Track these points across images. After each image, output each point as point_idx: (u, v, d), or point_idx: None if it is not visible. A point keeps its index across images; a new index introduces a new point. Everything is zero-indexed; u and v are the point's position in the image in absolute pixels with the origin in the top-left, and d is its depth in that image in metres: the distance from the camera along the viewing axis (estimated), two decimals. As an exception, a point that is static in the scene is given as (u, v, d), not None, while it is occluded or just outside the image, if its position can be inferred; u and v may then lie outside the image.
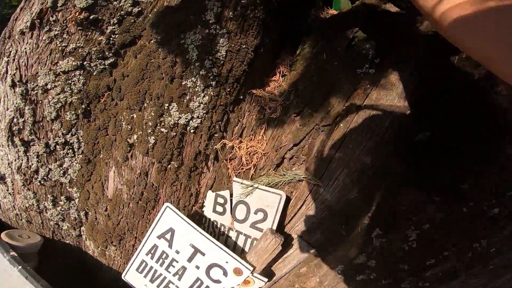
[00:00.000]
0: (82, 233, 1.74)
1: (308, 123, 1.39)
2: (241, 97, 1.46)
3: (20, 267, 1.51)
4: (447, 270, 1.30)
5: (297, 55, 1.65)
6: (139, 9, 1.58)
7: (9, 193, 1.69)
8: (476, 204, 1.15)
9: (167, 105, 1.39)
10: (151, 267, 1.55)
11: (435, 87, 1.21)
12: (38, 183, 1.61)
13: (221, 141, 1.46)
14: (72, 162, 1.58)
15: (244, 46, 1.46)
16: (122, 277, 1.64)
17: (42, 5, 1.55)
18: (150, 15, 1.57)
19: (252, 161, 1.42)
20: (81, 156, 1.57)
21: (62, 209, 1.65)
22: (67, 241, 1.84)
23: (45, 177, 1.59)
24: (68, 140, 1.55)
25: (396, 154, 1.25)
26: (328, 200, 1.36)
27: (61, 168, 1.59)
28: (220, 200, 1.44)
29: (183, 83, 1.39)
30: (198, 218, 1.53)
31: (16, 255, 1.56)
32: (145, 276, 1.58)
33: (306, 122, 1.39)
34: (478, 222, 1.19)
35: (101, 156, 1.56)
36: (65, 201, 1.64)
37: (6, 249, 1.57)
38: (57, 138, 1.55)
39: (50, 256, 1.84)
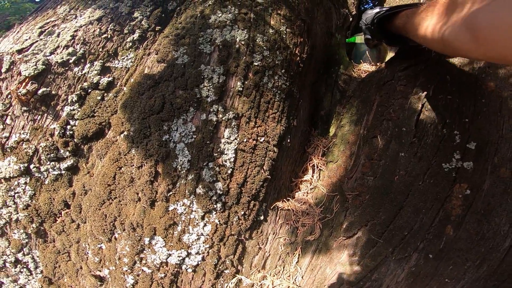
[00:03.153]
0: None
1: (371, 254, 0.66)
2: (262, 217, 0.71)
3: None
4: None
5: (333, 136, 0.89)
6: (110, 78, 0.83)
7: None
8: None
9: (147, 239, 0.65)
10: None
11: None
12: None
13: (235, 277, 0.71)
14: (29, 280, 0.97)
15: (262, 138, 0.73)
16: None
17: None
18: (124, 88, 0.80)
19: None
20: (40, 276, 0.94)
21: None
22: None
23: None
24: (20, 259, 0.93)
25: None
26: None
27: (15, 283, 0.98)
28: None
29: (170, 209, 0.67)
30: None
31: None
32: None
33: (366, 252, 0.66)
34: None
35: (65, 280, 0.85)
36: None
37: None
38: (5, 256, 0.92)
39: None
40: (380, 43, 1.12)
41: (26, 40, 0.96)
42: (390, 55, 1.32)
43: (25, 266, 0.93)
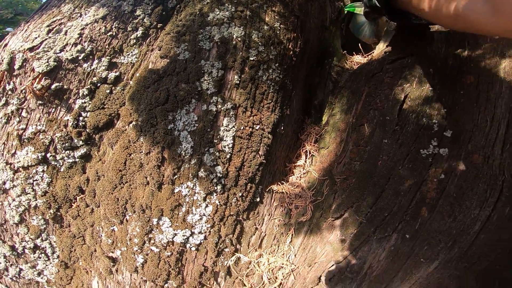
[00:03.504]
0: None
1: (356, 234, 0.76)
2: (258, 199, 0.81)
3: None
4: None
5: (325, 124, 0.99)
6: (117, 73, 0.92)
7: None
8: None
9: (155, 219, 0.76)
10: None
11: None
12: (10, 280, 1.12)
13: (234, 255, 0.82)
14: (47, 265, 1.07)
15: (258, 126, 0.82)
16: None
17: (-4, 66, 0.99)
18: (131, 82, 0.90)
19: (276, 279, 0.82)
20: (57, 260, 1.05)
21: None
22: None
23: (16, 275, 1.10)
24: (38, 244, 1.04)
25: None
26: None
27: (34, 269, 1.08)
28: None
29: (175, 191, 0.77)
30: None
31: None
32: None
33: (351, 231, 0.77)
34: None
35: (80, 264, 0.95)
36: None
37: None
38: (24, 242, 1.03)
39: None
40: (380, 17, 1.13)
41: (36, 38, 1.05)
42: (380, 46, 1.39)
43: (43, 251, 1.03)
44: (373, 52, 1.43)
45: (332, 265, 0.88)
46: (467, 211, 0.81)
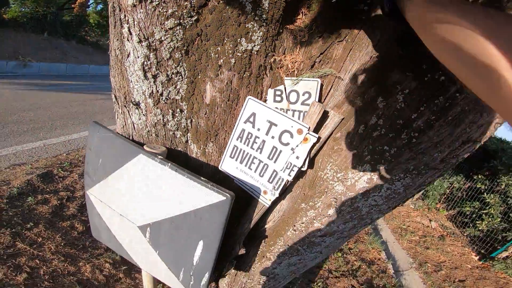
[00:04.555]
0: (188, 138, 1.99)
1: (328, 40, 1.99)
2: (281, 31, 2.05)
3: (169, 164, 1.67)
4: (426, 122, 1.75)
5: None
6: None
7: (143, 115, 1.92)
8: (432, 75, 1.70)
9: (239, 39, 1.99)
10: (240, 150, 1.78)
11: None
12: (163, 102, 1.87)
13: (273, 57, 2.07)
14: (182, 84, 1.87)
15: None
16: (219, 168, 1.84)
17: (139, -16, 2.06)
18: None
19: (294, 66, 2.05)
20: (187, 79, 2.00)
21: (177, 120, 1.91)
22: (179, 148, 2.10)
23: (167, 97, 1.83)
24: (178, 70, 2.14)
25: (386, 52, 1.86)
26: (347, 83, 1.98)
27: (176, 89, 2.01)
28: (278, 93, 2.08)
29: (246, 26, 1.98)
30: (265, 108, 2.17)
31: (162, 157, 1.74)
32: (236, 160, 1.79)
33: (326, 40, 1.99)
34: (435, 86, 1.69)
35: (199, 77, 2.17)
36: (179, 112, 1.89)
37: (154, 155, 1.76)
38: (172, 69, 2.01)
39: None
40: None
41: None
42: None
43: (180, 75, 2.07)
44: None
45: (319, 55, 2.12)
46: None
